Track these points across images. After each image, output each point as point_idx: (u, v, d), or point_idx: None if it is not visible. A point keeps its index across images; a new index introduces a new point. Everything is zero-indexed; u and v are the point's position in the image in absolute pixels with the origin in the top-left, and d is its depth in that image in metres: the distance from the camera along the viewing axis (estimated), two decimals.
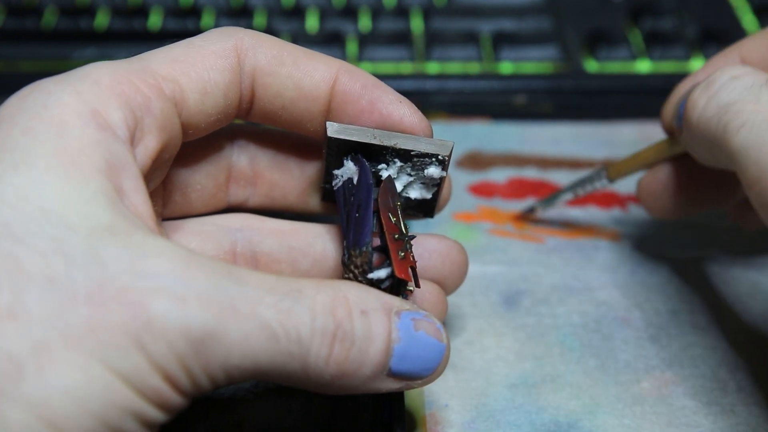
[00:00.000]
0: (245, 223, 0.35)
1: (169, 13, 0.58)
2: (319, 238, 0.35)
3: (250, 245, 0.34)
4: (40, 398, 0.23)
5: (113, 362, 0.23)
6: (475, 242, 0.44)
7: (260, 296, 0.25)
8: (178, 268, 0.25)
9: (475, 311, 0.40)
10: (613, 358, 0.38)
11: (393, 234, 0.31)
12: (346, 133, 0.32)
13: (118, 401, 0.24)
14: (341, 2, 0.58)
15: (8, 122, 0.26)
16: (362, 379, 0.28)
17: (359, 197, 0.32)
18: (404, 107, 0.33)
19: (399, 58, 0.55)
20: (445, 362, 0.29)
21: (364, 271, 0.30)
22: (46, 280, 0.23)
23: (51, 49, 0.56)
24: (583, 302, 0.41)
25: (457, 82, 0.53)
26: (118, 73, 0.28)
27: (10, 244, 0.24)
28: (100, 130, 0.26)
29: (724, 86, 0.32)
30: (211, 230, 0.34)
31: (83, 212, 0.25)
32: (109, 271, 0.24)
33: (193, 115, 0.30)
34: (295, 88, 0.32)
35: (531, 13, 0.58)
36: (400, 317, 0.28)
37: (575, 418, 0.35)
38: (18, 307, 0.23)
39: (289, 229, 0.35)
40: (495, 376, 0.37)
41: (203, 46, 0.30)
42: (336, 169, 0.33)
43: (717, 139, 0.31)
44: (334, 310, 0.27)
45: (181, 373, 0.24)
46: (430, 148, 0.32)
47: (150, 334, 0.24)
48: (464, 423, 0.35)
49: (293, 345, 0.26)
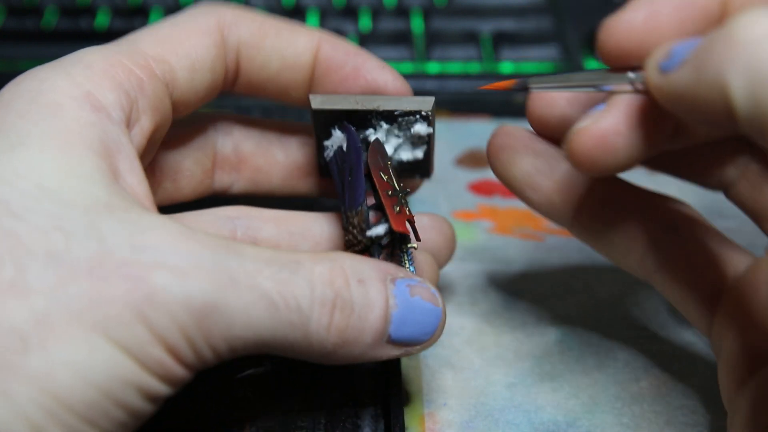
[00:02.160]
0: (242, 212, 0.35)
1: (169, 13, 0.58)
2: (317, 222, 0.35)
3: (249, 231, 0.35)
4: (44, 372, 0.23)
5: (116, 335, 0.24)
6: (475, 241, 0.44)
7: (259, 268, 0.26)
8: (177, 241, 0.25)
9: (475, 310, 0.40)
10: (612, 358, 0.38)
11: (386, 191, 0.31)
12: (329, 103, 0.33)
13: (122, 374, 0.24)
14: (341, 2, 0.58)
15: (3, 107, 0.27)
16: (363, 347, 0.28)
17: (350, 161, 0.32)
18: (387, 72, 0.34)
19: (399, 58, 0.55)
20: (442, 325, 0.30)
21: (362, 230, 0.31)
22: (47, 255, 0.24)
23: (51, 49, 0.56)
24: (582, 301, 0.41)
25: (457, 82, 0.53)
26: (110, 57, 0.29)
27: (10, 220, 0.24)
28: (94, 111, 0.27)
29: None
30: (210, 219, 0.34)
31: (80, 189, 0.25)
32: (109, 245, 0.24)
33: (183, 93, 0.31)
34: (279, 59, 0.33)
35: (531, 13, 0.58)
36: (395, 284, 0.29)
37: (574, 418, 0.35)
38: (20, 281, 0.23)
39: (286, 216, 0.36)
40: (494, 375, 0.37)
41: (187, 24, 0.31)
42: (326, 140, 0.34)
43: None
44: (332, 280, 0.27)
45: (184, 344, 0.25)
46: (412, 106, 0.33)
47: (152, 306, 0.24)
48: (463, 422, 0.35)
49: (293, 314, 0.26)
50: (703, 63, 0.23)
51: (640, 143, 0.28)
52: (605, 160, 0.27)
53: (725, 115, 0.23)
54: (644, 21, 0.27)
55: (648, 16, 0.27)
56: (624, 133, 0.27)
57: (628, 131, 0.27)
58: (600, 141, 0.27)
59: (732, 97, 0.22)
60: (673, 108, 0.25)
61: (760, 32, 0.22)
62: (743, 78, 0.22)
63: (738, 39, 0.22)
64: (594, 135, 0.27)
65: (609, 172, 0.28)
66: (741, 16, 0.23)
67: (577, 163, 0.28)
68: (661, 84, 0.25)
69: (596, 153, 0.27)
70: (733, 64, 0.22)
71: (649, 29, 0.27)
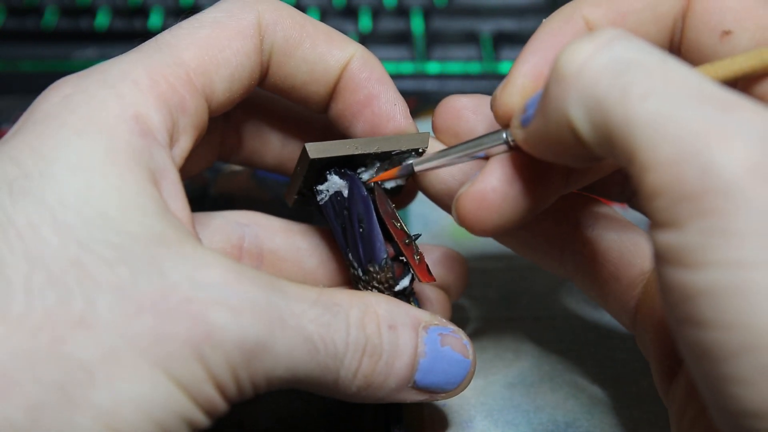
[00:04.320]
0: (252, 219, 0.35)
1: (169, 13, 0.58)
2: (326, 240, 0.35)
3: (256, 241, 0.35)
4: (109, 407, 0.23)
5: (174, 372, 0.24)
6: (474, 240, 0.44)
7: (304, 309, 0.26)
8: (230, 278, 0.25)
9: (474, 310, 0.40)
10: (611, 357, 0.38)
11: (403, 240, 0.32)
12: (327, 151, 0.31)
13: (177, 409, 0.24)
14: (342, 2, 0.58)
15: (57, 120, 0.26)
16: (387, 391, 0.28)
17: (358, 211, 0.32)
18: (398, 111, 0.33)
19: (399, 58, 0.55)
20: (470, 377, 0.30)
21: (390, 286, 0.31)
22: (114, 289, 0.24)
23: (51, 49, 0.56)
24: (581, 301, 0.41)
25: (457, 82, 0.53)
26: (154, 71, 0.28)
27: (76, 249, 0.24)
28: (143, 136, 0.27)
29: (619, 39, 0.23)
30: (220, 223, 0.34)
31: (139, 221, 0.25)
32: (170, 281, 0.24)
33: (220, 101, 0.30)
34: (308, 72, 0.32)
35: (531, 13, 0.58)
36: (427, 332, 0.29)
37: (573, 418, 0.35)
38: (89, 315, 0.23)
39: (297, 229, 0.35)
40: (493, 375, 0.37)
41: (228, 24, 0.30)
42: (317, 184, 0.33)
43: (606, 102, 0.22)
44: (364, 325, 0.27)
45: (231, 382, 0.25)
46: (410, 145, 0.32)
47: (209, 345, 0.24)
48: (463, 422, 0.35)
49: (330, 358, 0.27)
50: (547, 105, 0.24)
51: (523, 197, 0.28)
52: (491, 218, 0.28)
53: (579, 146, 0.24)
54: (522, 89, 0.28)
55: (531, 83, 0.28)
56: (502, 189, 0.28)
57: (507, 186, 0.28)
58: (480, 201, 0.28)
59: (576, 128, 0.23)
60: (540, 155, 0.27)
61: (580, 61, 0.23)
62: (579, 107, 0.23)
63: (564, 74, 0.23)
64: (473, 197, 0.28)
65: (502, 229, 0.29)
66: (561, 52, 0.23)
67: (466, 226, 0.29)
68: (523, 137, 0.27)
69: (480, 213, 0.28)
70: (567, 97, 0.23)
71: (527, 94, 0.28)
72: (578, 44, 0.23)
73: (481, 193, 0.28)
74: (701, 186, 0.20)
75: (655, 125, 0.21)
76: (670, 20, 0.29)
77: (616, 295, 0.32)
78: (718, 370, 0.20)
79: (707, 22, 0.29)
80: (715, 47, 0.29)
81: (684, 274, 0.21)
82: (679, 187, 0.20)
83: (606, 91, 0.22)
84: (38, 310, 0.23)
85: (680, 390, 0.28)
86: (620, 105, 0.22)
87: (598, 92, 0.22)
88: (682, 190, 0.20)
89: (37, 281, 0.23)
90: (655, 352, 0.30)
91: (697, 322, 0.21)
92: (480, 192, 0.28)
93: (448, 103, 0.33)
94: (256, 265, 0.34)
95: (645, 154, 0.21)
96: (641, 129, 0.21)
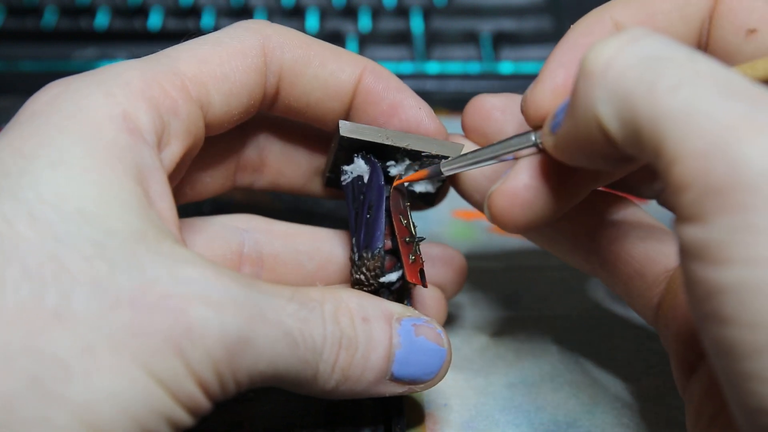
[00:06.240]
0: (251, 224, 0.35)
1: (169, 13, 0.58)
2: (326, 242, 0.35)
3: (256, 246, 0.35)
4: (85, 401, 0.23)
5: (154, 367, 0.24)
6: (475, 240, 0.44)
7: (282, 305, 0.26)
8: (210, 275, 0.25)
9: (474, 309, 0.40)
10: (611, 357, 0.38)
11: (404, 237, 0.32)
12: (358, 132, 0.32)
13: (156, 406, 0.24)
14: (341, 2, 0.58)
15: (41, 118, 0.26)
16: (365, 384, 0.29)
17: (370, 198, 0.32)
18: (423, 114, 0.33)
19: (399, 58, 0.55)
20: (447, 366, 0.30)
21: (376, 275, 0.31)
22: (91, 283, 0.24)
23: (51, 49, 0.56)
24: (582, 301, 0.41)
25: (457, 82, 0.53)
26: (148, 75, 0.28)
27: (53, 243, 0.24)
28: (130, 134, 0.27)
29: (645, 36, 0.23)
30: (218, 229, 0.34)
31: (118, 216, 0.25)
32: (150, 276, 0.24)
33: (217, 116, 0.30)
34: (322, 89, 0.32)
35: (531, 13, 0.58)
36: (400, 324, 0.29)
37: (574, 417, 0.35)
38: (65, 309, 0.23)
39: (295, 232, 0.35)
40: (494, 375, 0.37)
41: (230, 44, 0.30)
42: (345, 164, 0.33)
43: (633, 96, 0.22)
44: (338, 319, 0.28)
45: (214, 378, 0.25)
46: (441, 151, 0.33)
47: (189, 340, 0.24)
48: (463, 422, 0.35)
49: (309, 352, 0.27)
50: (575, 105, 0.24)
51: (553, 193, 0.29)
52: (524, 214, 0.29)
53: (608, 146, 0.24)
54: (553, 89, 0.29)
55: (561, 83, 0.29)
56: (534, 186, 0.29)
57: (538, 184, 0.29)
58: (513, 197, 0.29)
59: (605, 125, 0.23)
60: (570, 160, 0.27)
61: (607, 57, 0.23)
62: (607, 103, 0.23)
63: (591, 70, 0.23)
64: (506, 194, 0.29)
65: (534, 225, 0.29)
66: (588, 50, 0.23)
67: (499, 223, 0.29)
68: (553, 143, 0.27)
69: (513, 210, 0.29)
70: (594, 94, 0.23)
71: (558, 94, 0.28)
72: (605, 42, 0.23)
73: (513, 190, 0.29)
74: (729, 180, 0.20)
75: (684, 117, 0.21)
76: (698, 21, 0.30)
77: (640, 292, 0.32)
78: (739, 366, 0.20)
79: (733, 20, 0.29)
80: (740, 46, 0.29)
81: (709, 270, 0.20)
82: (706, 181, 0.20)
83: (633, 85, 0.22)
84: (11, 304, 0.23)
85: (700, 386, 0.28)
86: (648, 98, 0.22)
87: (625, 87, 0.22)
88: (709, 184, 0.20)
89: (11, 275, 0.23)
90: (676, 347, 0.30)
91: (721, 319, 0.20)
92: (512, 189, 0.29)
93: (477, 102, 0.33)
94: (257, 271, 0.35)
95: (673, 147, 0.21)
96: (669, 121, 0.21)
